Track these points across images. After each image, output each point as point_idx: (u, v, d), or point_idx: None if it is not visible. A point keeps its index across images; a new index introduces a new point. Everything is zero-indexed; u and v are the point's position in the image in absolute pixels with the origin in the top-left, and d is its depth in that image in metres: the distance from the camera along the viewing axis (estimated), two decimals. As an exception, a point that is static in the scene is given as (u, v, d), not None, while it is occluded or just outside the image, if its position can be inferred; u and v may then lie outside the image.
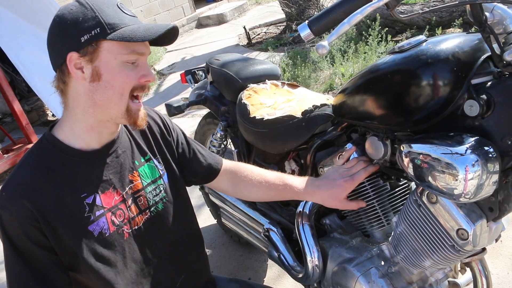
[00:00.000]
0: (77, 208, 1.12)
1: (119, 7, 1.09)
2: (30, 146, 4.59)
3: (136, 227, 1.23)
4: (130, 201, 1.22)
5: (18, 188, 1.08)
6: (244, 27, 7.17)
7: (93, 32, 1.03)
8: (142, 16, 8.21)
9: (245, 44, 7.03)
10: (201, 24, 9.46)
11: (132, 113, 1.13)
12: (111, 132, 1.20)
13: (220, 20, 9.18)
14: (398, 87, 1.19)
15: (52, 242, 1.09)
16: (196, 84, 2.42)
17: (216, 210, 2.52)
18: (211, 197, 2.30)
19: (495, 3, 1.02)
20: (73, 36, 1.04)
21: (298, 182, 1.43)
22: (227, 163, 1.50)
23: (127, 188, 1.22)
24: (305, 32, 1.10)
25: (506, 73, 1.03)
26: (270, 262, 2.43)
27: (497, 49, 1.02)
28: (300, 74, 4.50)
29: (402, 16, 1.08)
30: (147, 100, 5.77)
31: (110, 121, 1.15)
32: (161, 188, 1.30)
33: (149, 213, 1.26)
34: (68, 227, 1.10)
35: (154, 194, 1.28)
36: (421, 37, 1.21)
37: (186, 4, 9.29)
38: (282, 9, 6.96)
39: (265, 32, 7.39)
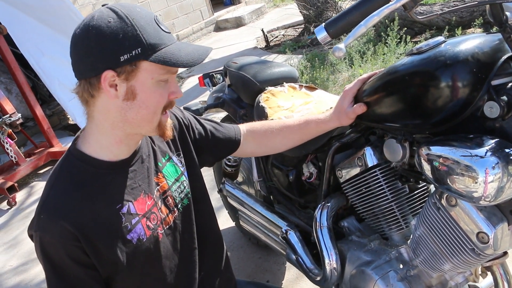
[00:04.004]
0: (114, 220, 1.12)
1: (156, 23, 1.06)
2: (51, 149, 4.67)
3: (168, 226, 1.25)
4: (160, 203, 1.24)
5: (55, 210, 1.07)
6: (262, 30, 7.17)
7: (133, 52, 1.00)
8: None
9: (263, 47, 7.03)
10: (219, 27, 9.50)
11: (163, 125, 1.14)
12: (137, 142, 1.20)
13: (238, 23, 9.20)
14: (417, 89, 1.18)
15: (92, 259, 1.09)
16: (214, 87, 2.44)
17: (234, 213, 2.53)
18: (229, 199, 2.31)
19: (516, 3, 1.00)
20: (111, 54, 1.00)
21: (319, 115, 1.48)
22: (243, 128, 1.54)
23: (155, 191, 1.23)
24: (322, 34, 1.10)
25: (527, 74, 1.02)
26: (288, 264, 2.42)
27: (518, 50, 1.01)
28: (318, 76, 4.49)
29: (420, 17, 1.08)
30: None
31: (139, 134, 1.16)
32: (185, 185, 1.33)
33: (177, 211, 1.29)
34: (108, 240, 1.11)
35: (179, 191, 1.30)
36: (440, 38, 1.19)
37: (204, 8, 9.33)
38: (300, 11, 6.95)
39: (283, 35, 7.39)
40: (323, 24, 1.09)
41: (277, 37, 7.36)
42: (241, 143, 1.50)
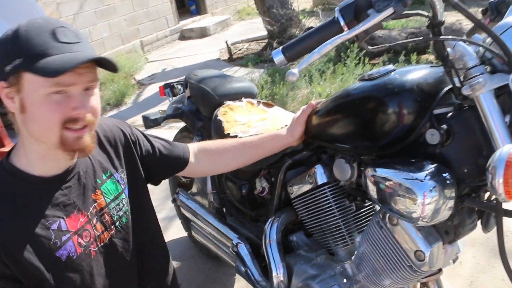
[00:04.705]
0: (43, 236, 1.08)
1: (54, 33, 1.00)
2: (2, 149, 4.52)
3: (102, 243, 1.22)
4: (95, 220, 1.20)
5: None
6: (226, 42, 7.23)
7: (14, 63, 0.98)
8: (125, 25, 8.20)
9: (226, 59, 7.08)
10: (184, 36, 9.49)
11: (68, 142, 1.05)
12: (68, 158, 1.13)
13: (203, 33, 9.22)
14: (366, 113, 1.24)
15: (15, 272, 1.06)
16: (174, 98, 2.45)
17: (187, 223, 2.53)
18: (182, 210, 2.32)
19: (457, 41, 1.08)
20: (0, 65, 1.00)
21: (274, 132, 1.52)
22: (194, 146, 1.53)
23: (91, 208, 1.20)
24: (278, 57, 1.15)
25: (465, 105, 1.09)
26: (237, 276, 2.43)
27: (457, 83, 1.08)
28: (278, 91, 4.57)
29: (370, 47, 1.15)
30: (125, 110, 5.76)
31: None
32: (124, 203, 1.29)
33: (114, 229, 1.25)
34: (34, 256, 1.07)
35: (118, 209, 1.27)
36: (390, 66, 1.27)
37: (170, 16, 9.31)
38: (264, 26, 7.05)
39: (246, 48, 7.47)
40: (281, 47, 1.14)
41: (240, 50, 7.43)
42: (191, 162, 1.48)
